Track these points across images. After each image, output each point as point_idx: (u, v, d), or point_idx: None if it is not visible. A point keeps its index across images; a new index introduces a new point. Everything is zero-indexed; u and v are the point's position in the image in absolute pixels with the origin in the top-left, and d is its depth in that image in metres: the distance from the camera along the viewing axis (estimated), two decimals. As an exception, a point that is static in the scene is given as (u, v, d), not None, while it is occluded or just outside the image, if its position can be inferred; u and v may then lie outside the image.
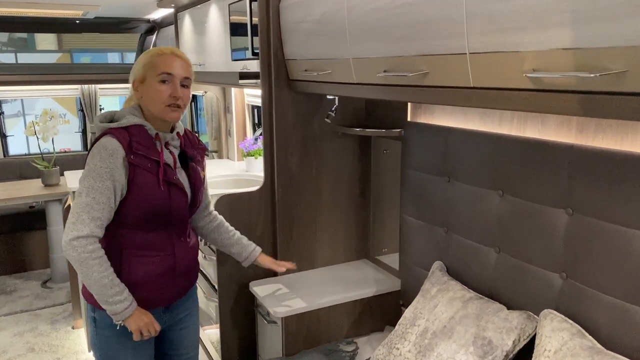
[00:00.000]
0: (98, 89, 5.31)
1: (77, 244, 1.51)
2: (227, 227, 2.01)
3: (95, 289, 1.55)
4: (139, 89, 1.65)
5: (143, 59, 1.66)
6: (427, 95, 1.43)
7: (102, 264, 1.54)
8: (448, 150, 1.89)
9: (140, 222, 1.63)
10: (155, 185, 1.62)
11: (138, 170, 1.59)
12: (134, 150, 1.58)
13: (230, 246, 2.01)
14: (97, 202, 1.53)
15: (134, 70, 1.66)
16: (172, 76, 1.63)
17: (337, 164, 2.40)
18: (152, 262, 1.66)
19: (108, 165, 1.54)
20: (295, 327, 2.09)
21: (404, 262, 2.21)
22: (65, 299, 4.08)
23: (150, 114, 1.66)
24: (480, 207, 1.78)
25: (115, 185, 1.55)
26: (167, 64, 1.64)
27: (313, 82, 2.03)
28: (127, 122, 1.61)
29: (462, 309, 1.71)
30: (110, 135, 1.58)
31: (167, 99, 1.62)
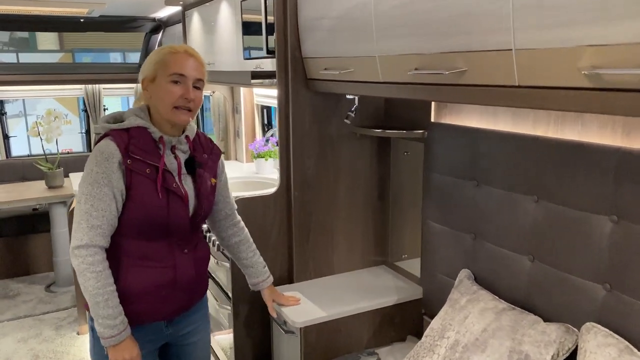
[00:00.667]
0: (102, 89, 5.22)
1: (78, 253, 1.44)
2: (249, 247, 1.91)
3: (89, 303, 1.46)
4: (149, 88, 1.56)
5: (154, 56, 1.56)
6: (464, 95, 1.34)
7: (99, 280, 1.43)
8: (477, 153, 1.80)
9: (137, 231, 1.53)
10: (152, 193, 1.52)
11: (135, 176, 1.49)
12: (131, 154, 1.49)
13: (245, 266, 1.93)
14: (95, 209, 1.44)
15: (144, 68, 1.57)
16: (185, 77, 1.54)
17: (355, 166, 2.31)
18: (150, 273, 1.55)
19: (104, 170, 1.45)
20: (314, 338, 1.99)
21: (426, 269, 2.12)
22: (69, 304, 3.99)
23: (158, 116, 1.57)
24: (512, 213, 1.69)
25: (114, 191, 1.46)
26: (180, 63, 1.54)
27: (333, 82, 1.94)
28: (129, 124, 1.52)
29: (495, 320, 1.62)
30: (109, 138, 1.49)
31: (177, 100, 1.53)
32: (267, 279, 1.96)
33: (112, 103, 6.78)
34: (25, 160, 4.91)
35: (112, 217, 1.47)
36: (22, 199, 3.92)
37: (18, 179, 4.76)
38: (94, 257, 1.43)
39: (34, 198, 3.98)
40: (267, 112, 3.71)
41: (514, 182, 1.68)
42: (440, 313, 1.80)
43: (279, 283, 2.28)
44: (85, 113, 5.39)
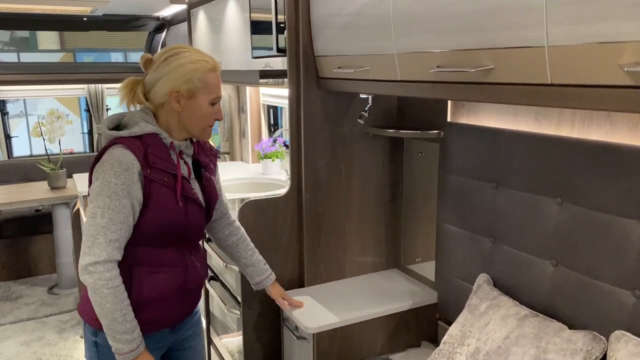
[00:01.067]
0: (105, 88, 5.17)
1: (94, 269, 1.37)
2: (247, 245, 1.87)
3: (105, 321, 1.40)
4: (182, 103, 1.48)
5: (194, 73, 1.47)
6: (491, 94, 1.28)
7: (117, 295, 1.39)
8: (497, 154, 1.74)
9: (153, 240, 1.49)
10: (172, 201, 1.49)
11: (154, 185, 1.45)
12: (151, 163, 1.44)
13: (245, 266, 1.89)
14: (113, 223, 1.38)
15: (177, 80, 1.46)
16: (219, 99, 1.55)
17: (367, 167, 2.25)
18: (163, 279, 1.52)
19: (124, 181, 1.39)
20: (327, 344, 1.94)
21: (441, 273, 2.06)
22: (72, 306, 3.94)
23: (176, 126, 1.52)
24: (534, 216, 1.64)
25: (132, 202, 1.42)
26: (219, 85, 1.54)
27: (347, 80, 1.88)
28: (141, 131, 1.46)
29: (517, 327, 1.57)
30: (122, 146, 1.43)
31: (211, 121, 1.55)
32: (270, 276, 1.92)
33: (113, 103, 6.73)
34: (27, 161, 4.86)
35: (129, 229, 1.43)
36: (24, 200, 3.87)
37: (20, 180, 4.71)
38: (111, 273, 1.38)
39: (37, 199, 3.94)
40: (273, 112, 3.65)
41: (536, 184, 1.62)
42: (459, 319, 1.74)
43: (290, 287, 2.22)
44: (87, 113, 5.33)
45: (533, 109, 1.66)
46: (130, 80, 1.53)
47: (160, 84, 1.48)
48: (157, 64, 1.50)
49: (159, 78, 1.48)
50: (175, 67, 1.47)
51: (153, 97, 1.51)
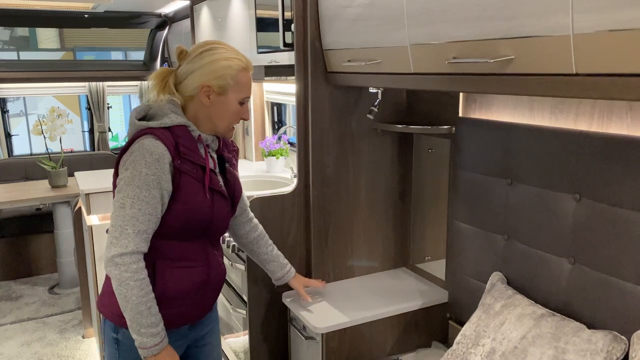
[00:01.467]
0: (106, 86, 5.12)
1: (121, 261, 1.35)
2: (266, 241, 1.87)
3: (129, 314, 1.37)
4: (211, 98, 1.48)
5: (227, 70, 1.47)
6: (511, 85, 1.23)
7: (143, 288, 1.37)
8: (511, 149, 1.70)
9: (177, 233, 1.47)
10: (200, 194, 1.47)
11: (183, 177, 1.43)
12: (182, 154, 1.43)
13: (266, 262, 1.88)
14: (143, 214, 1.36)
15: (210, 75, 1.46)
16: (248, 99, 1.56)
17: (376, 164, 2.21)
18: (187, 273, 1.50)
19: (155, 172, 1.37)
20: (336, 344, 1.90)
21: (452, 271, 2.02)
22: (74, 306, 3.89)
23: (203, 120, 1.51)
24: (550, 212, 1.59)
25: (162, 193, 1.40)
26: (250, 85, 1.54)
27: (357, 74, 1.84)
28: (170, 122, 1.44)
29: (534, 327, 1.52)
30: (153, 137, 1.40)
31: (237, 120, 1.55)
32: (291, 269, 1.92)
33: (115, 102, 6.69)
34: (28, 159, 4.81)
35: (157, 221, 1.41)
36: (25, 198, 3.82)
37: (20, 179, 4.66)
38: (137, 265, 1.36)
39: (38, 198, 3.88)
40: (277, 110, 3.61)
41: (553, 180, 1.58)
42: (473, 319, 1.70)
43: (297, 286, 2.18)
44: (88, 111, 5.29)
45: (548, 102, 1.62)
46: (163, 69, 1.52)
47: (192, 77, 1.47)
48: (191, 57, 1.49)
49: (192, 71, 1.47)
50: (208, 62, 1.47)
51: (184, 89, 1.50)
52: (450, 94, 1.99)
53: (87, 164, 4.91)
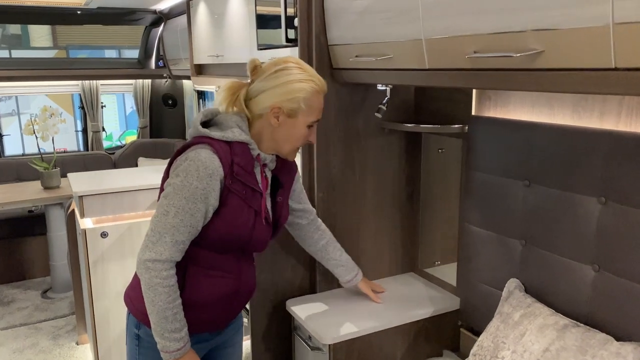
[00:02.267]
0: (100, 85, 5.01)
1: (153, 266, 1.34)
2: (335, 246, 1.88)
3: (155, 318, 1.36)
4: (280, 119, 1.42)
5: (299, 92, 1.41)
6: (539, 81, 1.14)
7: (170, 294, 1.36)
8: (530, 150, 1.61)
9: (213, 244, 1.44)
10: (243, 215, 1.43)
11: (231, 196, 1.39)
12: (235, 174, 1.38)
13: (335, 267, 1.90)
14: (184, 225, 1.34)
15: (282, 96, 1.40)
16: (318, 122, 1.50)
17: (383, 165, 2.12)
18: (217, 282, 1.47)
19: (205, 186, 1.34)
20: (344, 356, 1.80)
21: (464, 277, 1.93)
22: (68, 311, 3.78)
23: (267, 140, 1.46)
24: (572, 216, 1.50)
25: (208, 208, 1.37)
26: (320, 108, 1.48)
27: (365, 70, 1.75)
28: (233, 137, 1.39)
29: (557, 339, 1.43)
30: (211, 149, 1.36)
31: (303, 143, 1.50)
32: (359, 273, 1.94)
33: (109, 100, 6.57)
34: (20, 160, 4.69)
35: (196, 233, 1.39)
36: (17, 200, 3.70)
37: (12, 180, 4.54)
38: (168, 272, 1.35)
39: (30, 199, 3.77)
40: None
41: (575, 182, 1.48)
42: (490, 329, 1.61)
43: (301, 293, 2.09)
44: (82, 110, 5.17)
45: (570, 100, 1.53)
46: (234, 83, 1.46)
47: (264, 96, 1.42)
48: (266, 74, 1.43)
49: (264, 89, 1.42)
50: (283, 83, 1.41)
51: (254, 106, 1.44)
52: (464, 92, 1.89)
53: (81, 164, 4.80)
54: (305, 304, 1.99)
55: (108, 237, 2.77)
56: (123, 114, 9.09)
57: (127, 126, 8.38)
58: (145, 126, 5.36)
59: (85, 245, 2.75)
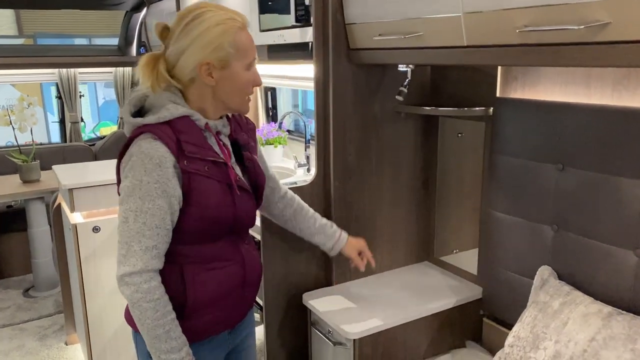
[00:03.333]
0: (78, 73, 4.78)
1: (130, 281, 1.18)
2: (306, 213, 1.68)
3: (146, 338, 1.21)
4: (215, 75, 1.25)
5: (222, 37, 1.22)
6: (604, 55, 1.07)
7: (157, 309, 1.19)
8: (563, 132, 1.54)
9: (199, 236, 1.28)
10: (216, 192, 1.26)
11: (194, 177, 1.22)
12: (187, 153, 1.21)
13: (312, 235, 1.70)
14: (148, 228, 1.18)
15: (205, 49, 1.22)
16: (255, 60, 1.31)
17: (399, 151, 2.03)
18: (220, 275, 1.32)
19: (157, 179, 1.17)
20: (370, 350, 1.72)
21: (487, 265, 1.87)
22: (53, 310, 3.61)
23: (212, 103, 1.29)
24: (612, 200, 1.45)
25: (170, 201, 1.20)
26: (252, 45, 1.29)
27: (391, 50, 1.65)
28: (170, 115, 1.22)
29: (604, 328, 1.38)
30: (151, 137, 1.20)
31: (251, 90, 1.32)
32: (342, 236, 1.73)
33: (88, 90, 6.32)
34: (-5, 153, 4.45)
35: (167, 232, 1.22)
36: (-5, 195, 3.51)
37: (-13, 173, 4.31)
38: (149, 284, 1.19)
39: (8, 194, 3.57)
40: (271, 94, 3.39)
41: (616, 165, 1.43)
42: (526, 319, 1.55)
43: (316, 286, 2.00)
44: (59, 100, 4.94)
45: (610, 78, 1.47)
46: (148, 57, 1.26)
47: (185, 57, 1.23)
48: (176, 34, 1.24)
49: (183, 50, 1.23)
50: (199, 34, 1.22)
51: (179, 73, 1.26)
52: (486, 72, 1.82)
53: (60, 156, 4.58)
54: (323, 298, 1.90)
55: (100, 232, 2.63)
56: (95, 105, 8.76)
57: (100, 117, 8.09)
58: (126, 116, 5.16)
59: (76, 241, 2.60)
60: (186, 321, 1.26)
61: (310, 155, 2.82)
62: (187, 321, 1.26)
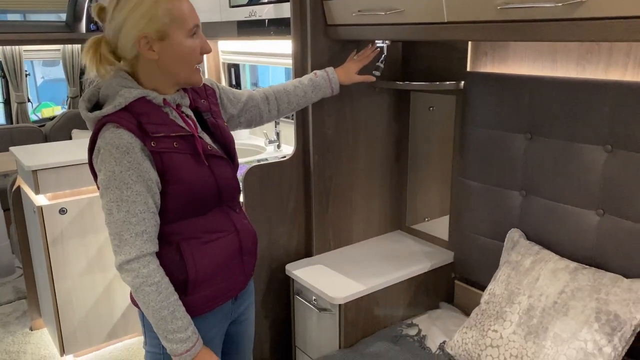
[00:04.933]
0: (23, 50, 4.57)
1: (129, 267, 1.20)
2: (292, 91, 1.71)
3: (153, 321, 1.24)
4: (156, 48, 1.21)
5: (154, 7, 1.19)
6: (582, 31, 1.17)
7: (160, 292, 1.22)
8: (533, 104, 1.66)
9: (187, 212, 1.29)
10: (192, 167, 1.27)
11: (165, 156, 1.23)
12: (151, 134, 1.21)
13: (309, 100, 1.76)
14: (133, 215, 1.19)
15: (139, 23, 1.19)
16: (198, 27, 1.27)
17: (373, 124, 2.10)
18: (217, 246, 1.33)
19: (129, 166, 1.18)
20: (354, 314, 1.81)
21: (458, 231, 1.98)
22: (12, 296, 3.50)
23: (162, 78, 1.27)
24: (577, 165, 1.58)
25: (147, 185, 1.20)
26: (190, 10, 1.24)
27: (369, 26, 1.71)
28: (125, 100, 1.21)
29: (571, 281, 1.52)
30: (113, 126, 1.19)
31: (198, 58, 1.28)
32: (331, 76, 1.77)
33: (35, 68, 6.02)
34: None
35: (153, 215, 1.23)
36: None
37: None
38: (148, 268, 1.21)
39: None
40: (234, 71, 3.38)
41: (580, 133, 1.55)
42: (500, 277, 1.67)
43: (297, 257, 2.06)
44: (3, 79, 4.71)
45: (574, 53, 1.58)
46: (90, 41, 1.24)
47: (123, 35, 1.21)
48: (110, 12, 1.21)
49: (119, 28, 1.21)
50: (132, 8, 1.19)
51: (122, 52, 1.24)
52: (456, 48, 1.91)
53: (7, 138, 4.40)
54: (305, 268, 1.97)
55: (67, 214, 2.58)
56: (34, 85, 8.32)
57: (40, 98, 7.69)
58: (76, 96, 4.98)
59: (42, 224, 2.55)
60: (190, 296, 1.29)
61: (280, 132, 2.86)
62: (190, 296, 1.29)
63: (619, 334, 1.39)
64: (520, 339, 1.50)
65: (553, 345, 1.43)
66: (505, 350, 1.52)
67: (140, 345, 2.87)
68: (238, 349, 1.55)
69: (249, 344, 1.59)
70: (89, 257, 2.67)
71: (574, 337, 1.41)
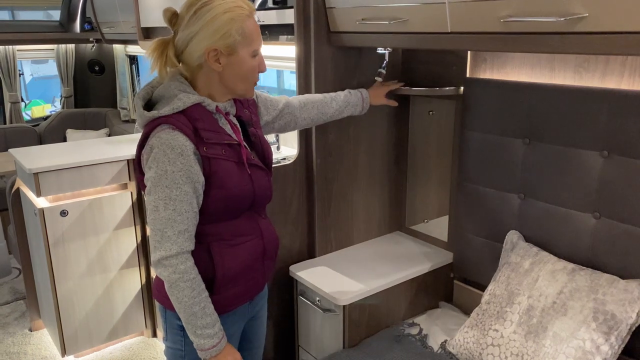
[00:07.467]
0: (16, 50, 4.55)
1: (168, 263, 1.27)
2: (326, 103, 1.79)
3: (184, 316, 1.30)
4: (222, 61, 1.29)
5: (229, 24, 1.25)
6: (584, 45, 1.21)
7: (194, 288, 1.28)
8: (531, 110, 1.71)
9: (222, 215, 1.36)
10: (235, 174, 1.34)
11: (213, 162, 1.30)
12: (205, 140, 1.28)
13: (341, 114, 1.85)
14: (179, 213, 1.25)
15: (213, 36, 1.26)
16: (261, 47, 1.37)
17: (373, 128, 2.15)
18: (244, 249, 1.40)
19: (181, 167, 1.24)
20: (358, 315, 1.86)
21: (457, 232, 2.04)
22: (10, 297, 3.51)
23: (219, 88, 1.35)
24: (573, 170, 1.63)
25: (195, 186, 1.27)
26: (258, 33, 1.33)
27: (373, 34, 1.74)
28: (183, 104, 1.28)
29: (569, 281, 1.57)
30: (169, 127, 1.25)
31: (256, 76, 1.37)
32: (365, 97, 1.90)
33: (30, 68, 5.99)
34: None
35: (195, 215, 1.29)
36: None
37: None
38: (185, 265, 1.27)
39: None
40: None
41: (577, 138, 1.61)
42: (500, 278, 1.73)
43: (300, 259, 2.10)
44: (-4, 79, 4.68)
45: (572, 61, 1.64)
46: (158, 41, 1.31)
47: (194, 43, 1.28)
48: (186, 20, 1.28)
49: (192, 36, 1.27)
50: (208, 21, 1.25)
51: (187, 59, 1.31)
52: (456, 54, 1.96)
53: (1, 139, 4.39)
54: (308, 269, 2.01)
55: (68, 216, 2.60)
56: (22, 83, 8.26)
57: (29, 96, 7.64)
58: (70, 95, 4.97)
59: (43, 226, 2.56)
60: (215, 295, 1.35)
61: (279, 134, 2.89)
62: (216, 295, 1.35)
63: (615, 332, 1.45)
64: (520, 338, 1.55)
65: (552, 344, 1.49)
66: (505, 349, 1.57)
67: (141, 345, 2.90)
68: (252, 345, 1.62)
69: (261, 340, 1.65)
70: (90, 258, 2.69)
71: (573, 336, 1.47)
